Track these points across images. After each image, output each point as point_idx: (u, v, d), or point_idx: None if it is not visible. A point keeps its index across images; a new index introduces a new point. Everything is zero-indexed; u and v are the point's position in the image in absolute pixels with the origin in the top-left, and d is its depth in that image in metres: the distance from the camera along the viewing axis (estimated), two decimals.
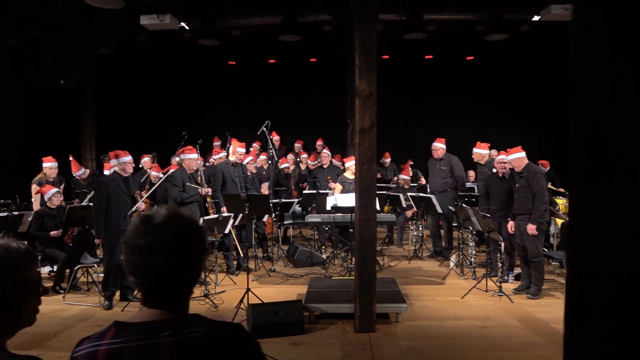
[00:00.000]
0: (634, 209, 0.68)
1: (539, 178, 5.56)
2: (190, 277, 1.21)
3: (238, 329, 1.20)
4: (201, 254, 1.22)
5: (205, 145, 8.32)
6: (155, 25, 7.55)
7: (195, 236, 1.20)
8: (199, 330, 1.13)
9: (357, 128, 4.54)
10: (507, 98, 12.43)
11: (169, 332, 1.12)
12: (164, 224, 1.15)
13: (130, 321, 1.16)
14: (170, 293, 1.18)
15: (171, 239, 1.14)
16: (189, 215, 1.22)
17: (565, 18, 7.66)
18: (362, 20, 4.49)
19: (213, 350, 1.11)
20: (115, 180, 5.45)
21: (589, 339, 0.80)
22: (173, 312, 1.17)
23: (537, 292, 5.61)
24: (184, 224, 1.18)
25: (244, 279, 5.42)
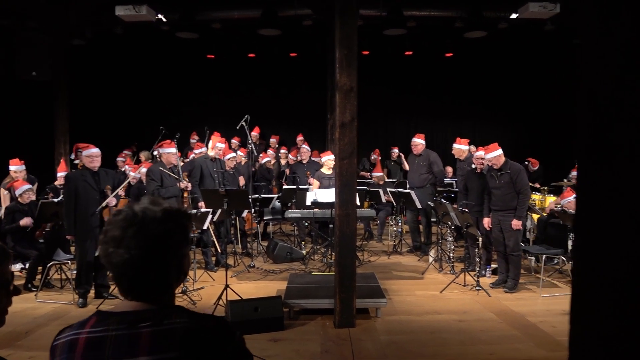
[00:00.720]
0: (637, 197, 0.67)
1: (523, 175, 5.65)
2: (171, 268, 1.18)
3: (220, 322, 1.18)
4: (182, 245, 1.20)
5: (183, 140, 8.20)
6: (131, 16, 7.38)
7: (175, 226, 1.17)
8: (180, 321, 1.11)
9: (337, 123, 4.51)
10: (486, 95, 12.60)
11: (150, 322, 1.11)
12: (145, 216, 1.14)
13: (111, 310, 1.15)
14: (150, 285, 1.16)
15: (152, 231, 1.13)
16: (170, 206, 1.20)
17: (542, 15, 7.77)
18: (343, 14, 4.46)
19: (194, 342, 1.09)
20: (84, 176, 5.26)
21: (594, 329, 0.79)
22: (155, 304, 1.16)
23: (514, 286, 5.70)
24: (165, 215, 1.16)
25: (223, 275, 5.36)
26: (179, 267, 1.21)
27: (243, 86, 12.41)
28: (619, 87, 0.70)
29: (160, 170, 6.02)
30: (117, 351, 1.08)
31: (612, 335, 0.74)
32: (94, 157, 5.31)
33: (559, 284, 6.09)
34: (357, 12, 4.51)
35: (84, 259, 5.24)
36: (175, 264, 1.19)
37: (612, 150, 0.71)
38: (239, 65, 12.22)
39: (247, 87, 12.41)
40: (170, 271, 1.18)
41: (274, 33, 9.00)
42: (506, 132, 12.56)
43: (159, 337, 1.09)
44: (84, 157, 5.32)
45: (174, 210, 1.19)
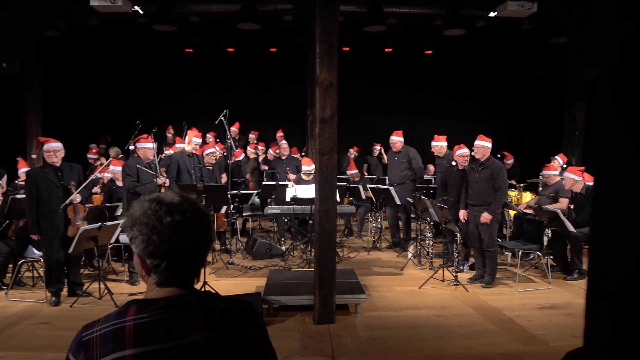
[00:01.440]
0: None
1: (504, 172, 5.73)
2: (205, 254, 1.26)
3: (249, 304, 1.28)
4: (212, 233, 1.36)
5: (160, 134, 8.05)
6: (106, 7, 7.19)
7: (207, 216, 1.25)
8: (221, 302, 1.22)
9: (317, 118, 4.48)
10: (465, 92, 12.75)
11: (195, 305, 1.17)
12: (181, 204, 1.19)
13: (151, 297, 1.17)
14: (190, 271, 1.22)
15: (193, 217, 1.18)
16: (192, 197, 1.26)
17: (520, 14, 7.87)
18: (324, 8, 4.43)
19: (235, 322, 1.19)
20: (45, 172, 5.06)
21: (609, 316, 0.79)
22: (189, 290, 1.20)
23: (491, 281, 5.78)
24: (196, 204, 1.23)
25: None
26: (204, 257, 1.28)
27: (222, 81, 12.27)
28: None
29: (136, 166, 5.89)
30: (171, 332, 1.11)
31: (625, 318, 0.74)
32: (53, 152, 5.04)
33: (534, 278, 6.20)
34: (337, 7, 4.47)
35: (52, 258, 5.08)
36: (206, 251, 1.27)
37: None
38: (218, 59, 12.07)
39: (226, 82, 12.28)
40: (199, 261, 1.25)
41: (253, 27, 8.90)
42: (484, 128, 12.57)
43: (208, 317, 1.15)
44: (43, 151, 5.07)
45: (204, 209, 1.27)
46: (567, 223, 5.85)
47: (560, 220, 5.79)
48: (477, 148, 5.85)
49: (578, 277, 6.05)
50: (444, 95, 12.81)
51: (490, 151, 5.90)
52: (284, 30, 10.86)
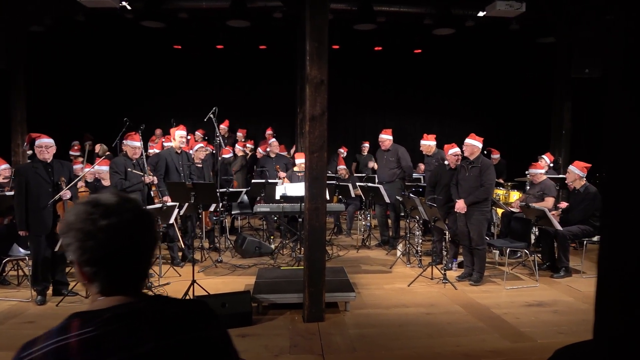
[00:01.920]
0: None
1: (492, 171, 5.76)
2: (149, 258, 1.18)
3: (201, 302, 1.23)
4: (156, 234, 1.20)
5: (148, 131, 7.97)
6: (93, 2, 7.10)
7: (149, 216, 1.18)
8: (171, 307, 1.14)
9: (307, 116, 4.47)
10: (454, 91, 12.82)
11: (143, 312, 1.09)
12: (119, 205, 1.11)
13: (93, 309, 1.08)
14: (135, 276, 1.15)
15: (132, 218, 1.11)
16: (134, 197, 1.21)
17: (508, 14, 7.93)
18: (314, 6, 4.41)
19: (191, 326, 1.12)
20: (35, 167, 5.01)
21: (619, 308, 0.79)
22: (137, 296, 1.13)
23: (479, 279, 5.82)
24: (137, 204, 1.15)
25: (190, 270, 5.25)
26: (150, 257, 1.21)
27: (211, 78, 12.19)
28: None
29: (124, 163, 5.83)
30: (120, 345, 1.03)
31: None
32: (45, 148, 5.03)
33: (522, 276, 6.26)
34: (328, 4, 4.46)
35: (39, 255, 5.01)
36: (149, 254, 1.19)
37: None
38: (207, 56, 11.99)
39: (215, 79, 12.20)
40: (144, 264, 1.18)
41: (243, 24, 8.84)
42: (473, 127, 12.69)
43: (159, 324, 1.08)
44: (35, 147, 5.07)
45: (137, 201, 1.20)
46: (554, 221, 5.92)
47: (548, 218, 5.85)
48: (466, 146, 5.89)
49: (565, 275, 6.12)
50: (434, 94, 12.88)
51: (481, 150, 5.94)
52: (274, 28, 10.81)
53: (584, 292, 5.55)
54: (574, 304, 5.15)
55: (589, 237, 6.35)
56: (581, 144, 10.32)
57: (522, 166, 8.95)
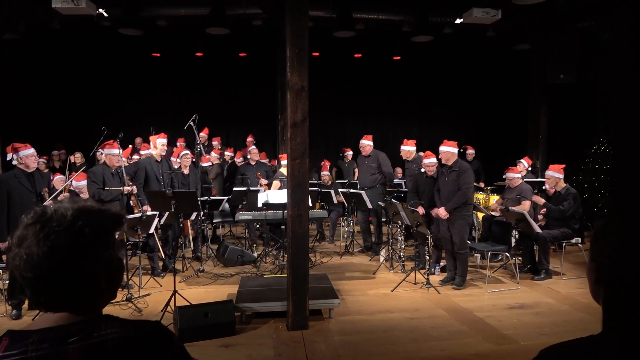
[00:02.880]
0: None
1: (469, 174, 5.81)
2: (92, 274, 1.04)
3: (157, 327, 1.08)
4: (98, 246, 1.05)
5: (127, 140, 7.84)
6: (69, 9, 6.98)
7: (85, 225, 1.04)
8: (112, 332, 1.01)
9: (288, 122, 4.46)
10: (432, 97, 12.99)
11: (76, 337, 0.98)
12: (52, 212, 1.03)
13: (27, 329, 1.01)
14: (67, 293, 1.03)
15: (55, 228, 1.01)
16: (88, 205, 1.08)
17: (485, 21, 8.08)
18: (294, 12, 4.41)
19: (130, 353, 1.00)
20: (17, 177, 4.91)
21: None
22: (81, 315, 1.03)
23: (461, 283, 5.86)
24: (76, 213, 1.04)
25: (171, 280, 5.16)
26: (103, 272, 1.06)
27: (191, 86, 12.10)
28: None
29: (102, 172, 5.72)
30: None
31: None
32: (33, 157, 5.01)
33: (503, 279, 6.32)
34: (308, 10, 4.47)
35: None
36: (97, 268, 1.04)
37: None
38: (186, 64, 11.90)
39: (195, 87, 12.11)
40: (93, 277, 1.04)
41: (222, 32, 8.82)
42: (451, 132, 12.97)
43: (90, 351, 0.98)
44: (21, 157, 4.96)
45: (88, 209, 1.06)
46: (534, 224, 6.01)
47: (527, 221, 5.94)
48: (442, 153, 5.96)
49: (545, 277, 6.20)
50: (413, 100, 13.02)
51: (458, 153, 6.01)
52: (254, 35, 10.82)
53: (564, 293, 5.63)
54: (555, 306, 5.22)
55: (568, 240, 6.45)
56: (557, 148, 10.55)
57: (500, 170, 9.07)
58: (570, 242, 6.58)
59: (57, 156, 9.51)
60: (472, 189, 6.01)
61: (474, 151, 10.24)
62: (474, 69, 12.66)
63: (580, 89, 10.56)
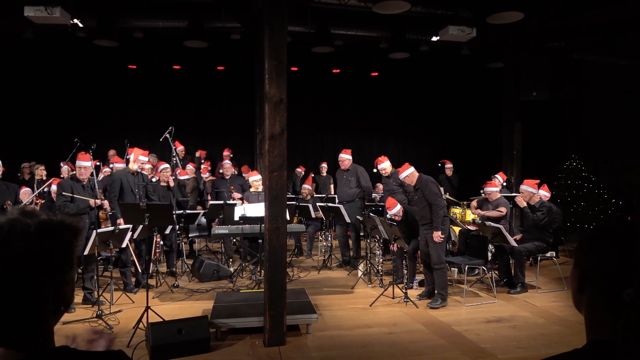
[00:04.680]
0: None
1: (431, 186, 5.79)
2: (46, 298, 0.90)
3: (120, 358, 0.95)
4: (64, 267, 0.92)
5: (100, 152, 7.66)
6: (42, 18, 6.82)
7: (54, 244, 0.90)
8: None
9: (267, 134, 4.42)
10: (409, 112, 13.18)
11: None
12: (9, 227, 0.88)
13: None
14: (13, 324, 0.86)
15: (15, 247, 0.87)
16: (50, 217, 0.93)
17: (460, 39, 8.25)
18: (273, 25, 4.42)
19: None
20: None
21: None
22: (24, 349, 0.86)
23: (444, 299, 5.68)
24: (40, 228, 0.89)
25: (144, 296, 5.00)
26: (58, 296, 0.92)
27: (167, 98, 11.95)
28: None
29: (72, 185, 5.55)
30: None
31: None
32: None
33: (480, 293, 6.35)
34: (286, 23, 4.48)
35: None
36: (53, 292, 0.90)
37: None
38: (163, 76, 11.77)
39: (171, 99, 11.98)
40: (45, 303, 0.89)
41: (200, 45, 8.76)
42: (426, 147, 13.24)
43: None
44: None
45: (54, 223, 0.92)
46: (510, 238, 6.08)
47: (503, 235, 6.00)
48: (405, 178, 6.03)
49: (521, 291, 6.26)
50: (390, 116, 13.17)
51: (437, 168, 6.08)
52: (232, 48, 10.79)
53: (540, 306, 5.68)
54: (531, 319, 5.26)
55: (542, 253, 6.54)
56: (531, 163, 10.77)
57: (475, 185, 9.21)
58: (545, 256, 6.67)
59: (28, 168, 9.19)
60: (440, 194, 5.98)
61: (452, 165, 10.36)
62: (449, 86, 12.91)
63: (552, 106, 10.86)
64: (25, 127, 10.85)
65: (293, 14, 7.86)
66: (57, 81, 11.25)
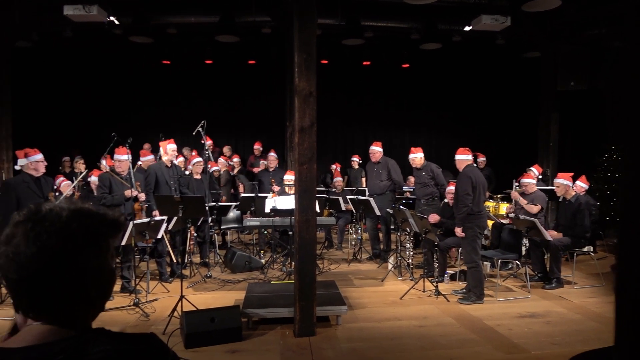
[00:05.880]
0: None
1: (461, 183, 5.63)
2: (93, 286, 0.97)
3: (151, 340, 1.00)
4: (89, 253, 0.97)
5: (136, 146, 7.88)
6: (80, 16, 7.07)
7: (79, 228, 0.96)
8: (104, 349, 0.92)
9: (296, 127, 4.45)
10: (441, 104, 12.96)
11: (62, 355, 0.88)
12: (46, 211, 0.95)
13: (8, 346, 0.91)
14: (67, 306, 0.94)
15: (68, 241, 0.93)
16: (85, 207, 1.00)
17: (494, 28, 8.05)
18: (302, 18, 4.43)
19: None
20: (26, 182, 4.99)
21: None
22: (70, 328, 0.93)
23: (478, 297, 5.52)
24: (70, 214, 0.96)
25: (178, 286, 5.15)
26: (92, 281, 0.97)
27: (200, 92, 12.19)
28: None
29: (110, 177, 5.76)
30: None
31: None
32: (40, 163, 5.13)
33: (514, 288, 6.23)
34: (316, 15, 4.48)
35: None
36: (87, 276, 0.96)
37: None
38: (195, 71, 11.99)
39: (204, 94, 12.19)
40: (81, 285, 0.95)
41: (232, 40, 8.88)
42: (459, 140, 12.91)
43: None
44: (32, 162, 5.08)
45: (84, 210, 0.98)
46: (544, 232, 5.93)
47: (538, 229, 5.86)
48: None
49: (556, 286, 6.10)
50: (421, 108, 12.99)
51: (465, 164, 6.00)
52: (263, 43, 10.88)
53: (576, 302, 5.54)
54: (567, 315, 5.13)
55: (579, 248, 6.35)
56: (568, 156, 10.44)
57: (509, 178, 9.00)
58: (582, 251, 6.48)
59: (69, 162, 9.57)
60: (463, 191, 5.64)
61: (485, 158, 10.13)
62: (483, 77, 12.61)
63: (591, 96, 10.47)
64: (65, 122, 11.27)
65: (323, 6, 7.84)
66: (95, 77, 11.64)
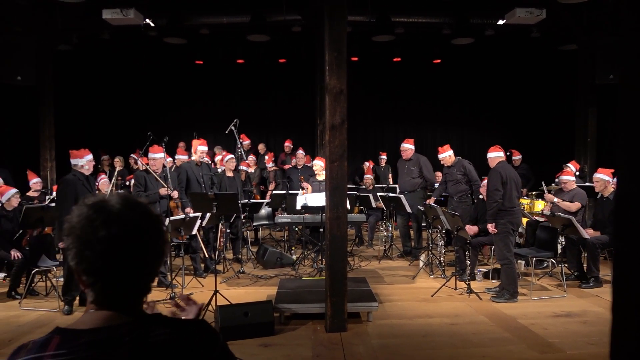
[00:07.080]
0: None
1: (491, 178, 5.57)
2: (152, 273, 1.09)
3: (203, 326, 1.09)
4: (164, 246, 1.08)
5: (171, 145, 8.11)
6: (118, 20, 7.32)
7: (156, 226, 1.07)
8: (164, 332, 1.01)
9: (327, 125, 4.49)
10: (474, 100, 12.74)
11: (127, 338, 0.98)
12: (123, 213, 1.02)
13: (76, 328, 0.99)
14: (130, 292, 1.04)
15: (135, 230, 1.02)
16: (145, 202, 1.10)
17: (529, 21, 7.87)
18: (333, 16, 4.46)
19: (178, 354, 1.01)
20: (81, 180, 5.23)
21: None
22: (129, 314, 1.03)
23: (512, 295, 5.45)
24: (143, 213, 1.06)
25: (212, 281, 5.28)
26: (159, 271, 1.08)
27: (232, 92, 12.40)
28: None
29: (145, 176, 5.96)
30: None
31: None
32: (92, 162, 5.43)
33: (549, 286, 6.10)
34: (346, 13, 4.50)
35: None
36: (159, 267, 1.09)
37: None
38: (227, 71, 12.20)
39: (236, 93, 12.40)
40: (154, 275, 1.09)
41: (262, 39, 9.01)
42: (493, 137, 12.66)
43: (140, 354, 0.97)
44: (88, 161, 5.35)
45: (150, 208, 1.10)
46: (581, 230, 5.77)
47: (574, 227, 5.71)
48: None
49: (594, 285, 5.94)
50: (453, 104, 12.81)
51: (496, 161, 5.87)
52: (293, 41, 10.97)
53: None
54: (604, 315, 4.99)
55: None
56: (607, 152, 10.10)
57: (546, 175, 8.79)
58: None
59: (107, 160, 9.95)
60: (493, 187, 5.55)
61: (520, 156, 9.88)
62: (517, 71, 12.31)
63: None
64: (104, 122, 11.68)
65: (353, 3, 7.86)
66: (132, 78, 12.00)
